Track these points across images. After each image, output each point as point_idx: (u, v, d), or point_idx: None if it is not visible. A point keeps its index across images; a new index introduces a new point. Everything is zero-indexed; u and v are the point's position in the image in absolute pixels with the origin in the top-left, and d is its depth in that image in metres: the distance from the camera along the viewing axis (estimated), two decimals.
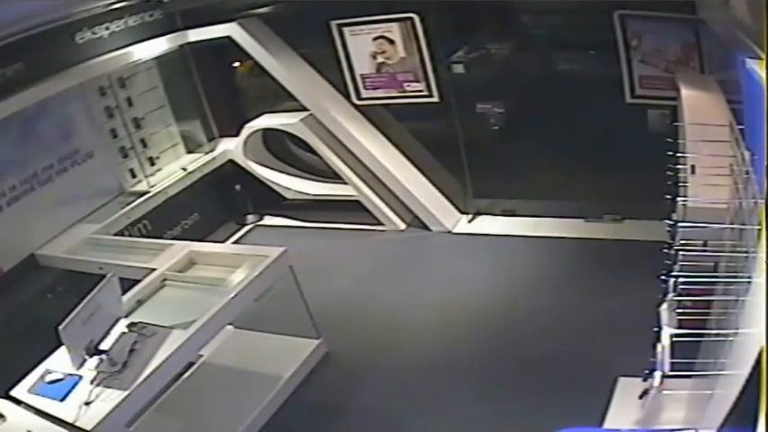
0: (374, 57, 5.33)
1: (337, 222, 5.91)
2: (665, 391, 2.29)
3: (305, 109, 5.66)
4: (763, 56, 1.99)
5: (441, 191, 5.67)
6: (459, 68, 5.35)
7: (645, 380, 2.52)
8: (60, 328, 2.97)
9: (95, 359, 3.19)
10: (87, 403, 3.02)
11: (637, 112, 4.73)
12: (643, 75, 4.61)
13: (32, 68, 4.58)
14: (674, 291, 2.40)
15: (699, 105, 3.11)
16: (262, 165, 6.18)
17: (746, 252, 1.94)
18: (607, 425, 3.11)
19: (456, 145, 5.45)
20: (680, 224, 2.47)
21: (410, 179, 5.59)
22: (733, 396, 1.46)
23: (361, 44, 5.30)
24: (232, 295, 3.65)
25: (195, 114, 6.22)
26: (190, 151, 6.14)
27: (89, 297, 3.21)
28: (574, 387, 3.62)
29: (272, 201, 6.24)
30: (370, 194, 5.70)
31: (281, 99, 5.86)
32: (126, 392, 3.08)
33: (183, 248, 4.32)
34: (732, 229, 2.28)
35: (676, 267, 2.45)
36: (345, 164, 5.66)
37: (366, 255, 5.47)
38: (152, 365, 3.23)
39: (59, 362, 3.30)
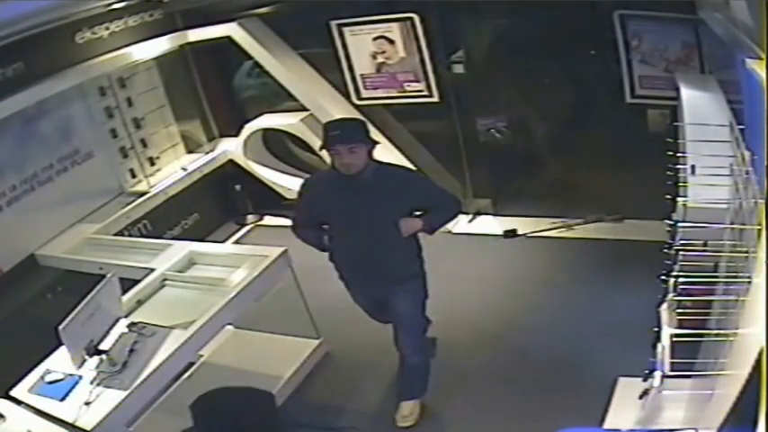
0: (374, 57, 5.33)
1: None
2: (664, 391, 2.29)
3: (305, 109, 5.66)
4: (763, 56, 1.99)
5: None
6: (459, 68, 5.36)
7: (645, 380, 2.52)
8: (60, 328, 2.96)
9: (95, 359, 3.19)
10: (87, 403, 3.02)
11: (637, 112, 4.73)
12: (643, 75, 4.61)
13: (32, 68, 4.57)
14: (674, 291, 2.40)
15: (699, 105, 3.11)
16: (262, 165, 6.18)
17: (746, 252, 1.94)
18: (607, 425, 3.11)
19: (456, 145, 5.46)
20: (680, 224, 2.47)
21: None
22: (733, 396, 1.46)
23: (361, 44, 5.30)
24: (232, 295, 3.66)
25: (195, 114, 6.22)
26: (190, 151, 6.14)
27: (89, 297, 3.20)
28: (574, 387, 3.62)
29: (272, 201, 6.23)
30: None
31: (281, 99, 5.88)
32: (126, 392, 3.08)
33: (183, 248, 4.32)
34: (732, 229, 2.28)
35: (676, 267, 2.44)
36: None
37: None
38: (152, 365, 3.23)
39: (59, 362, 3.29)
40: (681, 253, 2.41)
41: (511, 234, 5.24)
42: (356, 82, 5.50)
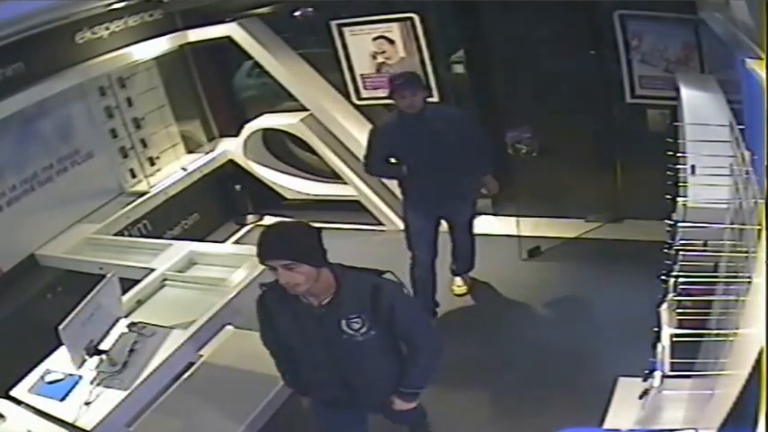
0: (374, 57, 5.33)
1: (337, 222, 5.90)
2: (664, 391, 2.29)
3: (305, 109, 5.66)
4: (763, 56, 1.99)
5: None
6: (459, 68, 5.36)
7: (645, 380, 2.51)
8: (60, 328, 2.97)
9: (95, 359, 3.19)
10: (87, 403, 3.02)
11: (637, 112, 4.73)
12: (643, 75, 4.61)
13: (32, 68, 4.58)
14: (674, 291, 2.40)
15: (699, 105, 3.11)
16: (262, 165, 6.18)
17: (746, 252, 1.94)
18: (607, 425, 3.10)
19: None
20: (680, 224, 2.47)
21: None
22: (733, 396, 1.46)
23: (361, 44, 5.30)
24: (232, 295, 3.66)
25: (195, 114, 6.22)
26: (190, 151, 6.14)
27: (89, 297, 3.21)
28: (574, 387, 3.62)
29: (272, 201, 6.24)
30: (370, 194, 5.69)
31: (281, 99, 5.87)
32: (126, 392, 3.08)
33: (183, 248, 4.32)
34: (732, 229, 2.28)
35: (676, 267, 2.44)
36: (345, 164, 5.65)
37: (366, 255, 5.45)
38: (152, 365, 3.23)
39: (59, 362, 3.30)
40: (681, 253, 2.41)
41: (536, 252, 5.08)
42: (356, 82, 5.50)
